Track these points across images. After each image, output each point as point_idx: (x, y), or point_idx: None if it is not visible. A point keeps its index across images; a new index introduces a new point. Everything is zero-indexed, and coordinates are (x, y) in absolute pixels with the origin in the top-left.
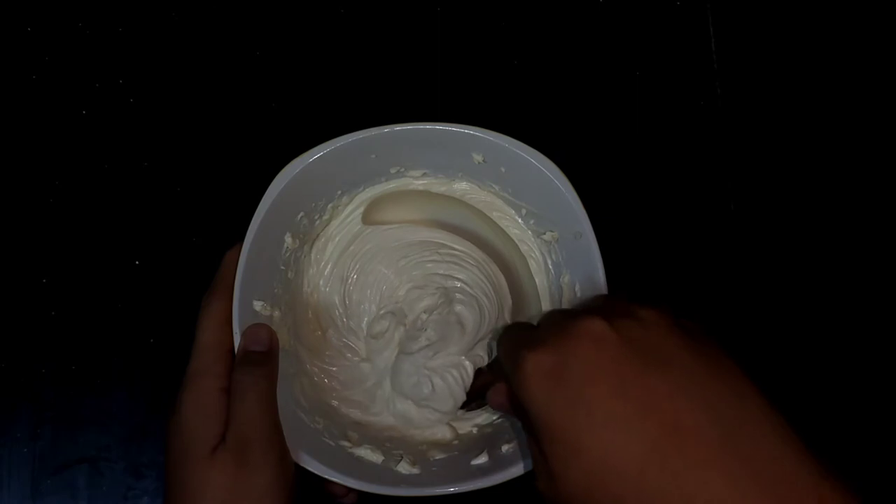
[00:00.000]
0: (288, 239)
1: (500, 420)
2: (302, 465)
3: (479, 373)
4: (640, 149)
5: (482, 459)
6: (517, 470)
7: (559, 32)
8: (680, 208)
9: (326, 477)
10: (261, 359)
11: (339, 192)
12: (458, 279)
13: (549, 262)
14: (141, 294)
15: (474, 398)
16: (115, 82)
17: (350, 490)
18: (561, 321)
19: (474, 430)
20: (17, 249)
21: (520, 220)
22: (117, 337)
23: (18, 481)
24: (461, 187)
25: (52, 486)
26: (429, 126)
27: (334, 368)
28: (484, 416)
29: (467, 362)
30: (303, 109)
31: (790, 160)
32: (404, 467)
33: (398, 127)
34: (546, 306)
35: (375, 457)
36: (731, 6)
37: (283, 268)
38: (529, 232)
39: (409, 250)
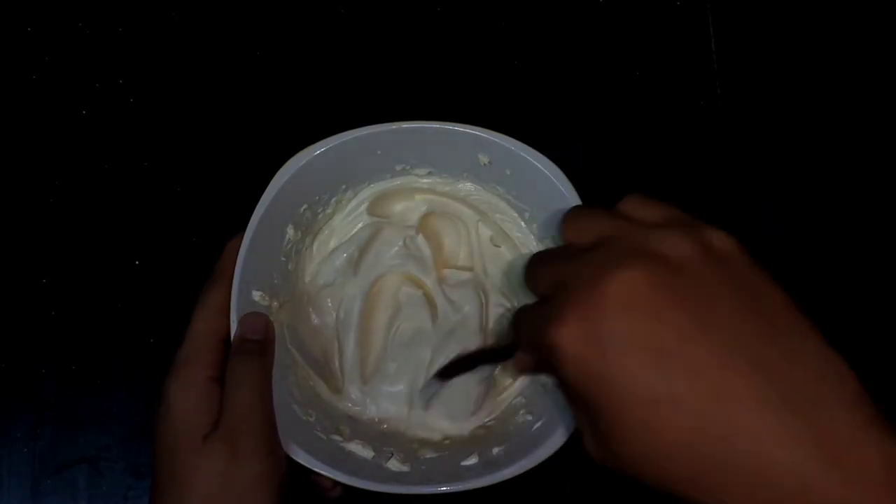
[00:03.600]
0: (290, 230)
1: (491, 422)
2: (291, 456)
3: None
4: (640, 149)
5: (472, 461)
6: (507, 473)
7: (559, 32)
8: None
9: (316, 469)
10: (256, 348)
11: (344, 187)
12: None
13: None
14: (141, 294)
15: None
16: (115, 82)
17: (336, 483)
18: (578, 283)
19: (466, 431)
20: (17, 249)
21: (523, 224)
22: (117, 337)
23: (18, 481)
24: (466, 188)
25: (52, 486)
26: (436, 125)
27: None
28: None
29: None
30: (302, 110)
31: (790, 160)
32: (394, 464)
33: (405, 125)
34: None
35: (366, 452)
36: (731, 6)
37: (283, 259)
38: (532, 236)
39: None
